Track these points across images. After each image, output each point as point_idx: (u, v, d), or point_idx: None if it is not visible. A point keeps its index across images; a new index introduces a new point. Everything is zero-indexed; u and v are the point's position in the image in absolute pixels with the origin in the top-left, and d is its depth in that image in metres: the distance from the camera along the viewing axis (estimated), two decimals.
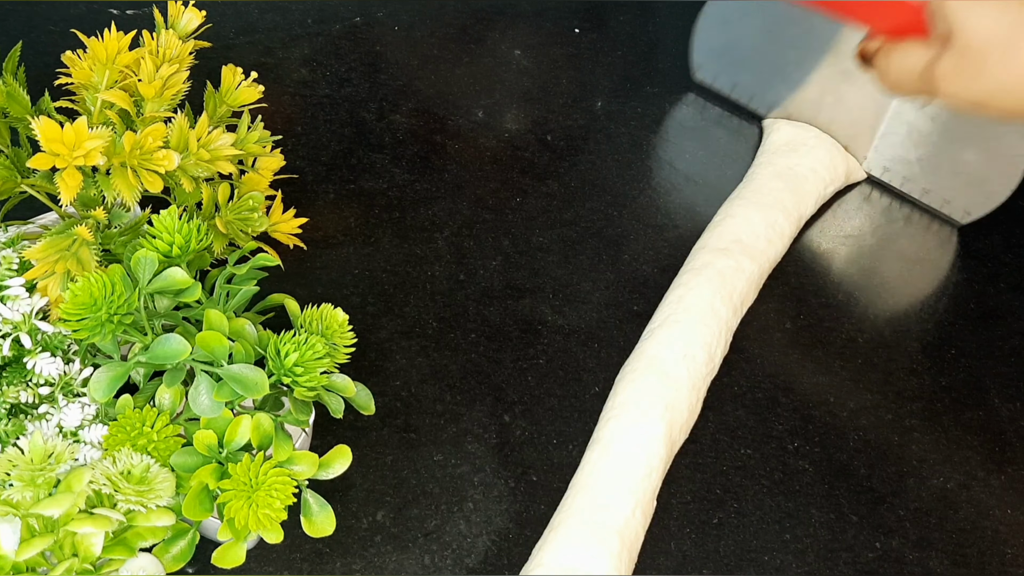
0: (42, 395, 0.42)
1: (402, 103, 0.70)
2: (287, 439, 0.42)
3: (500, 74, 0.74)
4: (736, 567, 0.50)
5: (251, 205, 0.50)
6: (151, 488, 0.38)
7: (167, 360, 0.41)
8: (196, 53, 0.49)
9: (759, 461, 0.54)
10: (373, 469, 0.51)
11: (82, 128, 0.41)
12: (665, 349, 0.54)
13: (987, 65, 0.41)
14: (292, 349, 0.42)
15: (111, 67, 0.45)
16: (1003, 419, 0.58)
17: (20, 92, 0.46)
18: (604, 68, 0.75)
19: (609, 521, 0.47)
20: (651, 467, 0.50)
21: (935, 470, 0.55)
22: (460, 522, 0.50)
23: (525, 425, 0.54)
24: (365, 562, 0.48)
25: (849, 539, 0.51)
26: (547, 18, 0.78)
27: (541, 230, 0.64)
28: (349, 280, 0.59)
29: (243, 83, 0.51)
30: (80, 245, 0.43)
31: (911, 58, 0.45)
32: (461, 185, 0.65)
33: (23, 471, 0.37)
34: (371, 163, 0.66)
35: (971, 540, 0.52)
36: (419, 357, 0.56)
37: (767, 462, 0.54)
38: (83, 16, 0.71)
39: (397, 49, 0.74)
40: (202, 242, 0.44)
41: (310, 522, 0.42)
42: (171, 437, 0.41)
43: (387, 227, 0.62)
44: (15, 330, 0.42)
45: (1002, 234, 0.68)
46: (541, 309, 0.59)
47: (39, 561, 0.37)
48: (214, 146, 0.47)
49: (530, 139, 0.69)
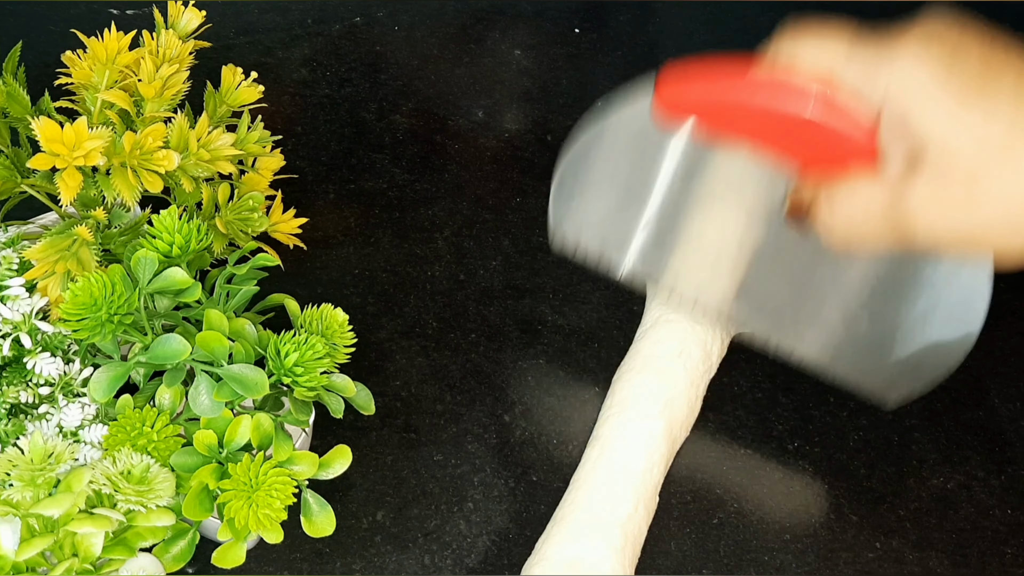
0: (42, 395, 0.42)
1: (402, 103, 0.70)
2: (287, 439, 0.42)
3: (500, 74, 0.74)
4: (736, 567, 0.50)
5: (251, 205, 0.50)
6: (151, 488, 0.38)
7: (167, 360, 0.41)
8: (196, 53, 0.49)
9: (759, 461, 0.54)
10: (373, 469, 0.51)
11: (82, 128, 0.41)
12: (660, 347, 0.54)
13: (981, 187, 0.32)
14: (292, 349, 0.42)
15: (111, 67, 0.45)
16: (1003, 419, 0.58)
17: (20, 92, 0.46)
18: (604, 68, 0.75)
19: (611, 515, 0.47)
20: (652, 462, 0.50)
21: (935, 470, 0.55)
22: (460, 522, 0.50)
23: (525, 425, 0.54)
24: (365, 562, 0.48)
25: (849, 539, 0.51)
26: (547, 18, 0.78)
27: (541, 230, 0.64)
28: (349, 280, 0.59)
29: (243, 83, 0.51)
30: (80, 245, 0.43)
31: (865, 197, 0.35)
32: (461, 185, 0.65)
33: (23, 471, 0.37)
34: (371, 163, 0.66)
35: (971, 540, 0.52)
36: (419, 357, 0.56)
37: (767, 462, 0.54)
38: (83, 16, 0.71)
39: (397, 49, 0.74)
40: (202, 242, 0.44)
41: (310, 522, 0.42)
42: (171, 437, 0.41)
43: (387, 227, 0.62)
44: (15, 330, 0.42)
45: None
46: (541, 309, 0.59)
47: (39, 561, 0.37)
48: (214, 146, 0.47)
49: (530, 139, 0.69)
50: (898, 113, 0.33)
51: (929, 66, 0.32)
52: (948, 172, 0.32)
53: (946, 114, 0.32)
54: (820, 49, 0.35)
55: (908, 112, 0.33)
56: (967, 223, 0.33)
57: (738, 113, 0.37)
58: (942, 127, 0.32)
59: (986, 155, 0.32)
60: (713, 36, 0.79)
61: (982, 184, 0.32)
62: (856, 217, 0.36)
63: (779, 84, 0.35)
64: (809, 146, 0.36)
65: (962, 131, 0.32)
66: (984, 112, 0.32)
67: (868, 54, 0.34)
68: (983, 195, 0.32)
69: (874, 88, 0.34)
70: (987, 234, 0.33)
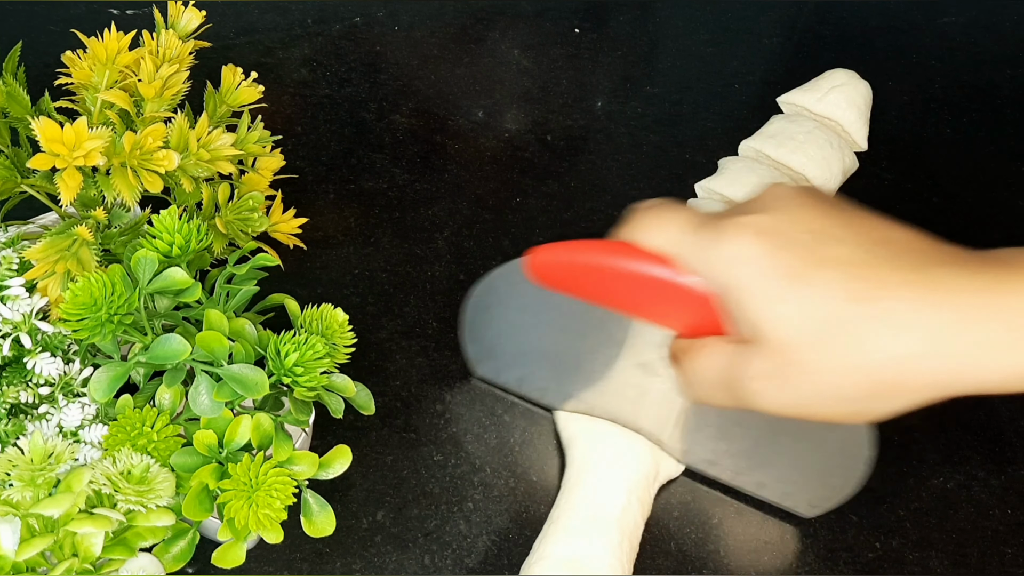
0: (42, 395, 0.42)
1: (402, 103, 0.70)
2: (287, 439, 0.42)
3: (500, 74, 0.74)
4: (736, 567, 0.50)
5: (251, 205, 0.50)
6: (151, 488, 0.38)
7: (167, 360, 0.41)
8: (196, 53, 0.49)
9: None
10: (373, 469, 0.51)
11: (82, 128, 0.41)
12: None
13: (804, 369, 0.33)
14: (292, 349, 0.42)
15: (111, 67, 0.45)
16: (1003, 419, 0.58)
17: (20, 92, 0.46)
18: (604, 68, 0.75)
19: (605, 511, 0.48)
20: (638, 456, 0.50)
21: (935, 470, 0.55)
22: (460, 522, 0.50)
23: (525, 425, 0.54)
24: (365, 562, 0.48)
25: (849, 539, 0.51)
26: (547, 18, 0.78)
27: (541, 230, 0.64)
28: (349, 280, 0.59)
29: (243, 83, 0.51)
30: (80, 245, 0.43)
31: (711, 359, 0.36)
32: (461, 185, 0.65)
33: (23, 471, 0.37)
34: (371, 163, 0.66)
35: (971, 540, 0.52)
36: (419, 357, 0.56)
37: None
38: (83, 16, 0.71)
39: (397, 49, 0.74)
40: (202, 242, 0.44)
41: (310, 522, 0.42)
42: (171, 437, 0.41)
43: (387, 227, 0.62)
44: (15, 330, 0.42)
45: (1002, 234, 0.68)
46: None
47: (39, 561, 0.37)
48: (214, 146, 0.47)
49: (530, 139, 0.69)
50: (732, 294, 0.34)
51: (755, 251, 0.33)
52: (775, 353, 0.33)
53: (768, 300, 0.33)
54: (661, 230, 0.37)
55: (738, 295, 0.34)
56: (794, 398, 0.33)
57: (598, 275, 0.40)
58: (766, 313, 0.33)
59: (807, 337, 0.32)
60: (713, 36, 0.79)
61: (805, 364, 0.32)
62: (701, 376, 0.37)
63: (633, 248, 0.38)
64: (662, 309, 0.38)
65: (784, 317, 0.32)
66: (806, 296, 0.32)
67: (706, 236, 0.35)
68: (807, 374, 0.33)
69: (711, 267, 0.35)
70: (815, 407, 0.34)
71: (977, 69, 0.80)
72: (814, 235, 0.33)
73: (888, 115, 0.74)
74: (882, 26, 0.83)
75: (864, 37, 0.82)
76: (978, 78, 0.80)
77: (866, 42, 0.81)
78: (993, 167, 0.73)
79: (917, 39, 0.82)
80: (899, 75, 0.78)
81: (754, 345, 0.34)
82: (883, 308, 0.32)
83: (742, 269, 0.34)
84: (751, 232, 0.34)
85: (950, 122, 0.76)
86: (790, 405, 0.34)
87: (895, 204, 0.68)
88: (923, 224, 0.35)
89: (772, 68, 0.78)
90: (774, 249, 0.33)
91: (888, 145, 0.72)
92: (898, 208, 0.69)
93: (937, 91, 0.78)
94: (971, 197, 0.70)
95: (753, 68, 0.77)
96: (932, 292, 0.32)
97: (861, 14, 0.84)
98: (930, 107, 0.77)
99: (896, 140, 0.73)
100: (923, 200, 0.69)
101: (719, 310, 0.36)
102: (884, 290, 0.32)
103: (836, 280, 0.32)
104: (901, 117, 0.75)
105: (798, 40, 0.81)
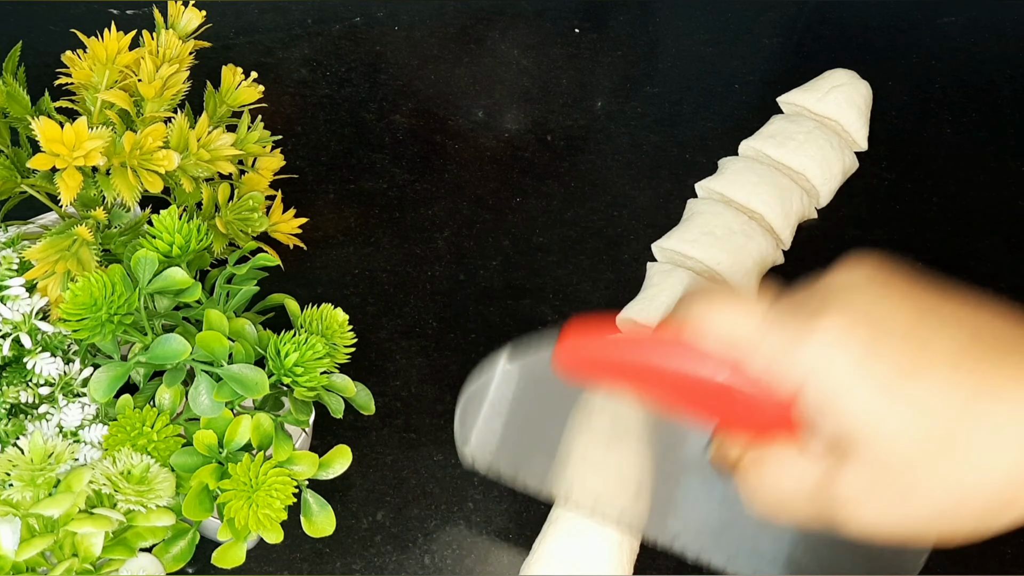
0: (42, 395, 0.42)
1: (402, 103, 0.70)
2: (287, 439, 0.42)
3: (500, 74, 0.74)
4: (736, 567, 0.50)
5: (251, 205, 0.50)
6: (151, 488, 0.38)
7: (167, 360, 0.41)
8: (196, 53, 0.49)
9: None
10: (373, 469, 0.51)
11: (82, 128, 0.41)
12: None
13: (918, 482, 0.28)
14: (292, 349, 0.42)
15: (111, 67, 0.45)
16: None
17: (20, 92, 0.46)
18: (604, 68, 0.75)
19: None
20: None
21: None
22: (460, 522, 0.50)
23: None
24: (365, 562, 0.48)
25: None
26: (547, 18, 0.78)
27: (541, 230, 0.64)
28: (349, 280, 0.59)
29: (243, 83, 0.51)
30: (80, 245, 0.43)
31: (795, 472, 0.31)
32: (461, 185, 0.65)
33: (23, 471, 0.37)
34: (371, 163, 0.66)
35: None
36: (419, 357, 0.56)
37: None
38: (83, 16, 0.71)
39: (397, 49, 0.74)
40: (202, 242, 0.44)
41: (310, 522, 0.42)
42: (171, 437, 0.41)
43: (387, 227, 0.62)
44: (15, 330, 0.42)
45: (1002, 234, 0.68)
46: (541, 309, 0.59)
47: (39, 561, 0.37)
48: (214, 146, 0.47)
49: (530, 139, 0.69)
50: (820, 399, 0.30)
51: (849, 351, 0.29)
52: (877, 466, 0.29)
53: (868, 407, 0.28)
54: (734, 320, 0.32)
55: (830, 401, 0.29)
56: (900, 518, 0.30)
57: (644, 374, 0.34)
58: (865, 421, 0.28)
59: (916, 448, 0.28)
60: (713, 36, 0.79)
61: (915, 479, 0.28)
62: (785, 490, 0.32)
63: (689, 347, 0.33)
64: (725, 410, 0.33)
65: (886, 426, 0.28)
66: (911, 402, 0.28)
67: (786, 333, 0.31)
68: (917, 491, 0.29)
69: (792, 368, 0.30)
70: (923, 528, 0.30)
71: (977, 69, 0.80)
72: (911, 328, 0.29)
73: (888, 115, 0.74)
74: (882, 26, 0.83)
75: (864, 37, 0.82)
76: (978, 78, 0.80)
77: (866, 42, 0.81)
78: (993, 167, 0.73)
79: (917, 39, 0.82)
80: (899, 75, 0.78)
81: (850, 458, 0.29)
82: (998, 413, 0.28)
83: (837, 376, 0.29)
84: (844, 325, 0.29)
85: (950, 122, 0.76)
86: (891, 524, 0.30)
87: (895, 204, 0.68)
88: (923, 224, 0.35)
89: (772, 68, 0.78)
90: (870, 355, 0.29)
91: (888, 145, 0.72)
92: (898, 208, 0.69)
93: (937, 91, 0.78)
94: (971, 197, 0.70)
95: (753, 68, 0.77)
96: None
97: (861, 14, 0.84)
98: (930, 107, 0.77)
99: (896, 140, 0.73)
100: (923, 200, 0.69)
101: (795, 415, 0.31)
102: (997, 391, 0.28)
103: (945, 381, 0.28)
104: (901, 117, 0.75)
105: (798, 40, 0.81)
